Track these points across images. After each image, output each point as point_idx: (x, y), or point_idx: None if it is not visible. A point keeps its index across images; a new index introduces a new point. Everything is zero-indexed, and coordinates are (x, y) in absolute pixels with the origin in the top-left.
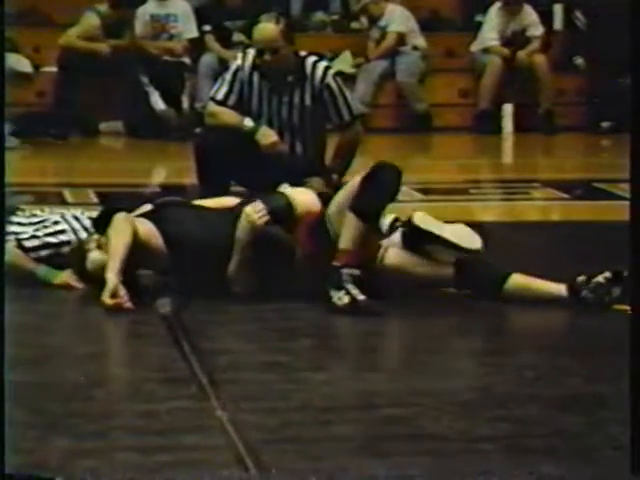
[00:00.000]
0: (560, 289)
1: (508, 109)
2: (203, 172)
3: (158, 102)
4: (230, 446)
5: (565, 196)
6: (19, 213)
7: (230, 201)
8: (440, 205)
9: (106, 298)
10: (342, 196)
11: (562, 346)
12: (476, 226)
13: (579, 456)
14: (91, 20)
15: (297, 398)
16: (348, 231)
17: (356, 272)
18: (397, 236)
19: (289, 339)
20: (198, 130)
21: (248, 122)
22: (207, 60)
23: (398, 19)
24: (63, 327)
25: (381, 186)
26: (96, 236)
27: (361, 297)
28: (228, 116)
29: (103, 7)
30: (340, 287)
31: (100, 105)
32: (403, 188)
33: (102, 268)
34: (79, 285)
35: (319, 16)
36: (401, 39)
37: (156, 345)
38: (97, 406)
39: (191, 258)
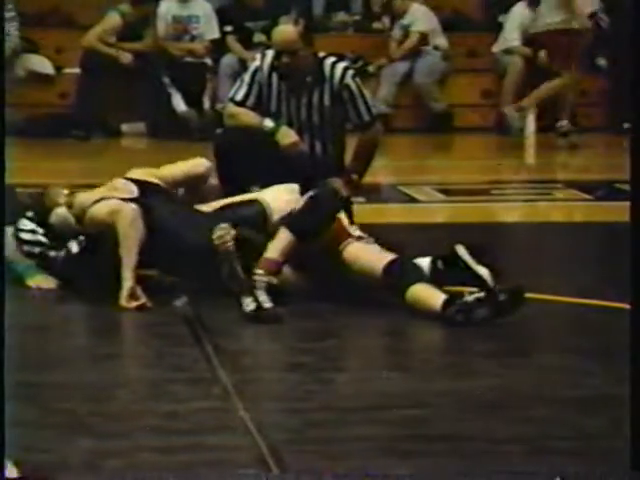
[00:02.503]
0: (437, 304)
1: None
2: (223, 172)
3: (180, 103)
4: (253, 446)
5: (588, 197)
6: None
7: (200, 165)
8: (462, 206)
9: (125, 301)
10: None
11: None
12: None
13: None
14: (113, 19)
15: (319, 399)
16: (279, 243)
17: (273, 280)
18: (426, 261)
19: (312, 340)
20: (218, 131)
21: (268, 122)
22: (228, 61)
23: (422, 18)
24: (86, 328)
25: (321, 211)
26: (66, 192)
27: (267, 305)
28: (248, 117)
29: (125, 6)
30: (251, 293)
31: (122, 106)
32: (425, 188)
33: (64, 224)
34: (52, 286)
35: (341, 17)
36: (424, 39)
37: (179, 345)
38: (120, 406)
39: (170, 253)
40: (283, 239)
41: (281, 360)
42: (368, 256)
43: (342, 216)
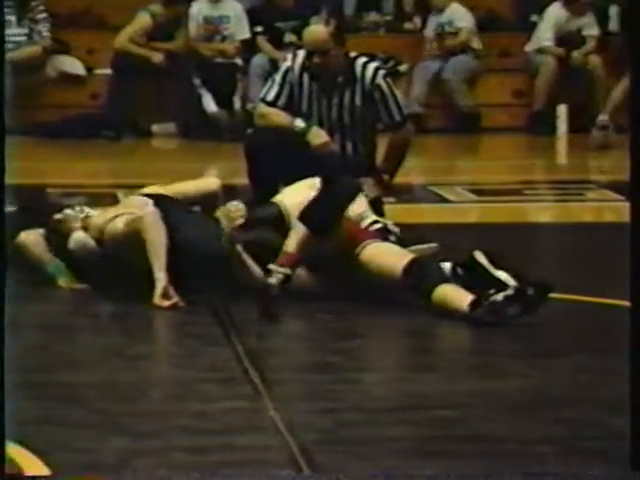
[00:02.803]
0: (464, 305)
1: (562, 110)
2: (254, 172)
3: (210, 104)
4: (283, 446)
5: (620, 197)
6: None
7: (213, 183)
8: (493, 206)
9: (159, 300)
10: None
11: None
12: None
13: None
14: (144, 20)
15: (349, 399)
16: (294, 237)
17: (288, 272)
18: (446, 266)
19: (341, 340)
20: (249, 131)
21: (299, 123)
22: (258, 61)
23: (465, 17)
24: (118, 328)
25: (333, 203)
26: (81, 215)
27: (271, 280)
28: (279, 117)
29: (156, 7)
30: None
31: (153, 107)
32: (457, 188)
33: (84, 249)
34: (83, 286)
35: (372, 17)
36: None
37: (210, 345)
38: (152, 406)
39: (187, 260)
40: (297, 233)
41: (311, 360)
42: (386, 257)
43: (356, 216)
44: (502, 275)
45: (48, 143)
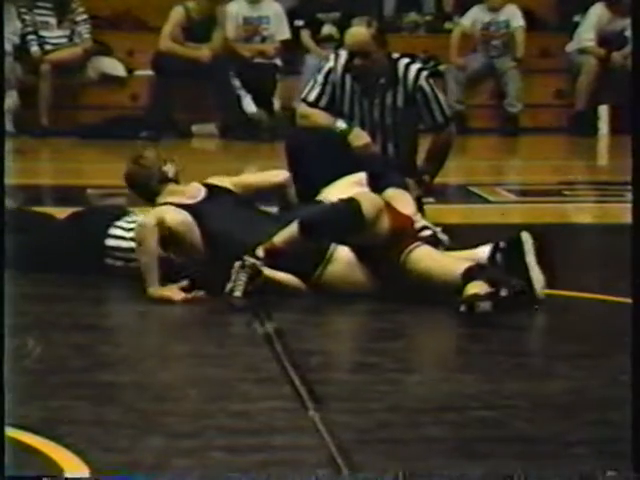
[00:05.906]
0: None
1: (604, 110)
2: (294, 173)
3: (250, 104)
4: (322, 446)
5: None
6: (126, 217)
7: (278, 176)
8: (533, 207)
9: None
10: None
11: None
12: None
13: None
14: (178, 14)
15: (389, 399)
16: (287, 232)
17: (258, 267)
18: (485, 250)
19: (382, 340)
20: (290, 131)
21: (340, 124)
22: (312, 61)
23: (520, 16)
24: (156, 328)
25: (336, 227)
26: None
27: (236, 294)
28: (320, 117)
29: (191, 3)
30: (234, 276)
31: (193, 107)
32: (497, 189)
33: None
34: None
35: (412, 16)
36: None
37: (248, 345)
38: (190, 406)
39: (228, 256)
40: (291, 231)
41: (351, 360)
42: (439, 262)
43: (412, 214)
44: (536, 273)
45: (88, 144)
